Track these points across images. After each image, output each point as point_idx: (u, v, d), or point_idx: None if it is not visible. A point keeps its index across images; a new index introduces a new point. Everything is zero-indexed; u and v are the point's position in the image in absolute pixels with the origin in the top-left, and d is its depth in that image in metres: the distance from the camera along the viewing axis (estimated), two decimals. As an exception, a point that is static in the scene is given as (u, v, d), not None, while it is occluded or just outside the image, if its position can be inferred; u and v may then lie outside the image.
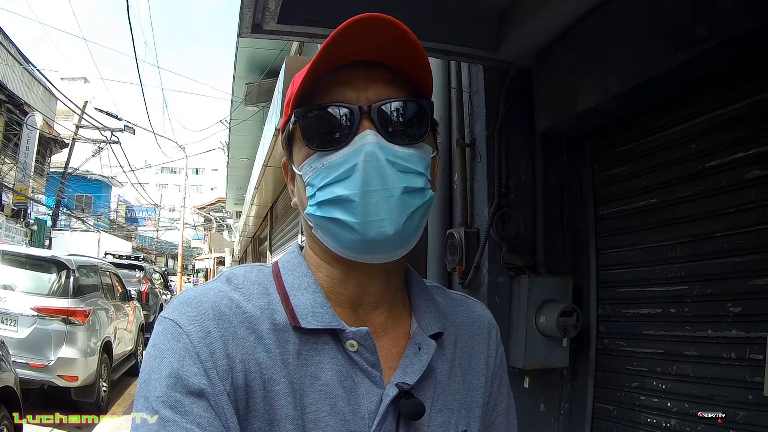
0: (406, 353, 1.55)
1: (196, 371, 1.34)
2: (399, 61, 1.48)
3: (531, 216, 5.83)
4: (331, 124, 1.46)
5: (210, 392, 1.33)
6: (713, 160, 4.58)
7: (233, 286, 1.51)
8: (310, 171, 1.48)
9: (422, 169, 1.48)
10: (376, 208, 1.40)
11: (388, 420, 1.45)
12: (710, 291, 4.60)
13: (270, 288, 1.54)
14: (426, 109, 1.53)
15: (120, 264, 25.66)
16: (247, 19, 4.84)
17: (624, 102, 4.92)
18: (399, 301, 1.64)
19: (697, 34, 3.96)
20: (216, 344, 1.38)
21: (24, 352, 10.92)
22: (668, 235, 4.98)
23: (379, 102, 1.46)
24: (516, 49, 5.52)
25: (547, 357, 5.52)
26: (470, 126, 6.14)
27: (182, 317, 1.41)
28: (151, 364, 1.37)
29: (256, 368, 1.39)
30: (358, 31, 1.38)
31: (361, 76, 1.48)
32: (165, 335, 1.40)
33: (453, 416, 1.58)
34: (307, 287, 1.53)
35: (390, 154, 1.42)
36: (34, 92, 34.09)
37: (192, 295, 1.47)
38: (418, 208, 1.47)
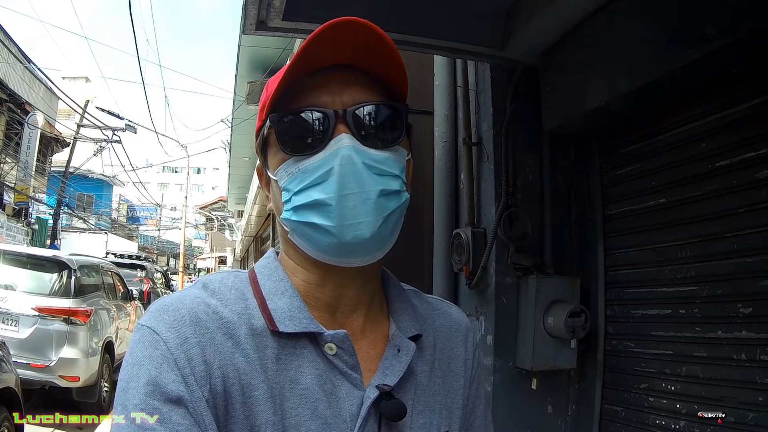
0: (386, 355, 1.56)
1: (174, 378, 1.33)
2: (375, 65, 1.50)
3: (538, 216, 5.78)
4: (307, 129, 1.47)
5: (188, 399, 1.32)
6: (723, 159, 4.53)
7: (210, 291, 1.50)
8: (285, 176, 1.49)
9: (398, 171, 1.50)
10: (352, 212, 1.41)
11: (369, 422, 1.46)
12: (720, 292, 4.55)
13: (247, 293, 1.53)
14: (401, 112, 1.54)
15: (122, 263, 25.66)
16: (252, 16, 4.81)
17: (632, 101, 4.88)
18: (376, 304, 1.65)
19: (707, 33, 3.92)
20: (193, 350, 1.37)
21: (25, 353, 10.92)
22: (677, 235, 4.93)
23: (355, 106, 1.47)
24: (523, 47, 5.49)
25: (554, 358, 5.48)
26: (477, 125, 6.09)
27: (159, 324, 1.40)
28: (129, 371, 1.36)
29: (234, 374, 1.39)
30: (335, 35, 1.40)
31: (336, 80, 1.49)
32: (142, 343, 1.39)
33: (435, 417, 1.59)
34: (284, 291, 1.53)
35: (366, 158, 1.44)
36: (36, 91, 34.11)
37: (169, 302, 1.46)
38: (394, 211, 1.49)
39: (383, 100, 1.52)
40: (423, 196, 6.72)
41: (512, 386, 5.60)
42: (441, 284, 6.40)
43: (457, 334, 1.77)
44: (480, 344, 5.59)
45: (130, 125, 38.32)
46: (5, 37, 29.65)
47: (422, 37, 5.29)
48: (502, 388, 5.56)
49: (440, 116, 6.62)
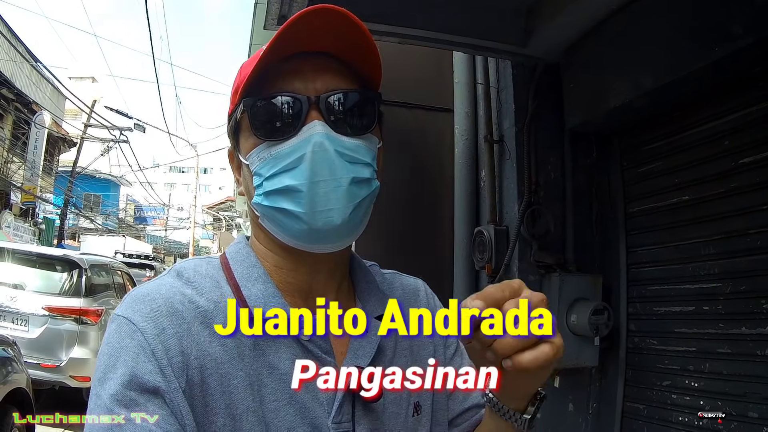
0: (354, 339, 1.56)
1: (151, 369, 1.32)
2: (349, 53, 1.51)
3: (560, 213, 5.78)
4: (280, 114, 1.47)
5: (165, 390, 1.32)
6: (746, 156, 4.53)
7: (185, 280, 1.51)
8: (257, 161, 1.50)
9: (369, 159, 1.51)
10: (323, 199, 1.42)
11: (345, 404, 1.47)
12: (744, 288, 4.56)
13: (221, 281, 1.54)
14: (374, 100, 1.56)
15: (131, 263, 25.64)
16: (274, 11, 4.80)
17: (656, 99, 4.88)
18: (344, 287, 1.67)
19: (733, 31, 3.93)
20: (171, 341, 1.37)
21: (35, 353, 10.84)
22: (700, 232, 4.93)
23: (328, 93, 1.48)
24: (545, 44, 5.49)
25: (577, 356, 5.46)
26: (498, 122, 6.09)
27: (136, 314, 1.39)
28: (106, 362, 1.35)
29: (212, 364, 1.39)
30: (310, 22, 1.40)
31: (310, 67, 1.50)
32: (119, 333, 1.38)
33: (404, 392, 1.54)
34: (257, 278, 1.54)
35: (338, 145, 1.44)
36: (43, 91, 34.05)
37: (144, 291, 1.46)
38: (365, 198, 1.50)
39: (356, 88, 1.53)
40: (443, 193, 6.70)
41: (533, 384, 5.52)
42: (462, 282, 6.39)
43: (416, 300, 1.80)
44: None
45: (139, 124, 38.32)
46: (12, 36, 29.63)
47: (444, 33, 5.30)
48: (524, 386, 5.49)
49: (460, 114, 6.62)
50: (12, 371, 7.58)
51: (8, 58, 29.23)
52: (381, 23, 5.04)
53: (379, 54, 1.51)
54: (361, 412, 1.50)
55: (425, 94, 6.85)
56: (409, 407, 1.63)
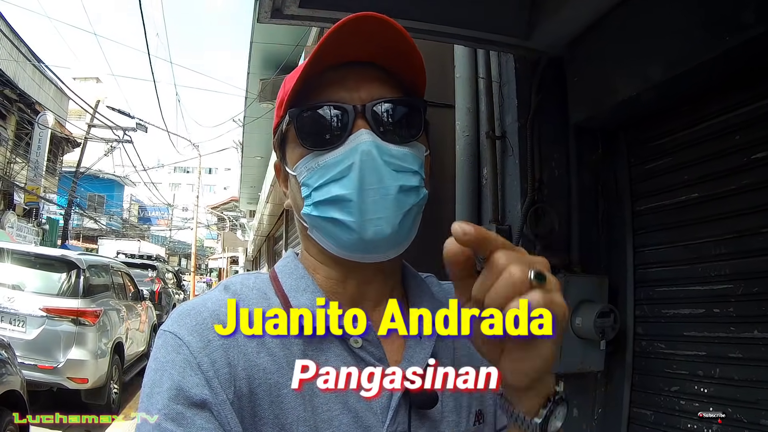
0: (408, 344, 1.54)
1: (198, 382, 1.33)
2: (392, 60, 1.51)
3: (565, 212, 5.66)
4: (326, 124, 1.48)
5: (213, 402, 1.32)
6: (759, 152, 4.38)
7: (231, 293, 1.52)
8: (305, 171, 1.50)
9: (417, 167, 1.51)
10: (373, 207, 1.42)
11: (400, 413, 1.46)
12: (756, 290, 4.40)
13: (269, 293, 1.55)
14: (419, 108, 1.55)
15: (132, 263, 25.71)
16: (267, 3, 4.70)
17: (664, 92, 4.75)
18: (397, 296, 1.63)
19: (744, 20, 3.80)
20: (217, 353, 1.37)
21: (32, 354, 10.91)
22: (711, 232, 4.79)
23: (373, 101, 1.48)
24: (548, 37, 5.38)
25: (582, 360, 5.35)
26: (500, 118, 5.99)
27: (181, 329, 1.40)
28: (153, 377, 1.36)
29: (260, 374, 1.39)
30: (353, 31, 1.41)
31: (354, 76, 1.50)
32: (165, 348, 1.39)
33: (464, 398, 1.59)
34: (306, 288, 1.54)
35: (385, 153, 1.45)
36: (46, 91, 34.25)
37: (190, 306, 1.48)
38: (413, 207, 1.49)
39: (401, 95, 1.53)
40: (444, 191, 6.63)
41: (537, 389, 5.40)
42: (463, 284, 6.19)
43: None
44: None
45: (141, 124, 38.45)
46: (15, 36, 29.70)
47: (444, 26, 5.19)
48: (528, 391, 5.36)
49: (462, 109, 6.53)
50: (6, 373, 7.56)
51: (11, 58, 29.39)
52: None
53: (422, 60, 1.51)
54: (417, 421, 1.48)
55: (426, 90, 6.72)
56: (470, 416, 1.61)
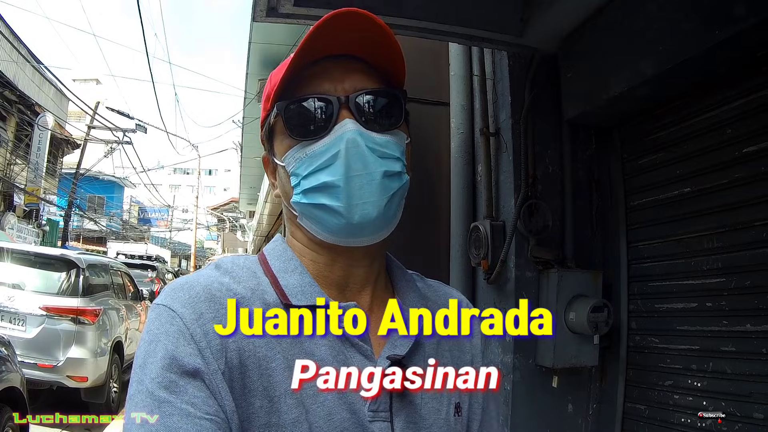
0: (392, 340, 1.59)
1: (191, 351, 1.38)
2: (374, 53, 1.59)
3: (559, 208, 5.67)
4: (312, 115, 1.55)
5: (205, 371, 1.37)
6: (751, 145, 4.39)
7: (222, 270, 1.57)
8: (293, 161, 1.57)
9: (399, 154, 1.58)
10: (359, 192, 1.49)
11: (382, 393, 1.50)
12: (749, 283, 4.42)
13: (258, 272, 1.61)
14: (400, 98, 1.63)
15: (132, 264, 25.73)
16: (263, 2, 4.76)
17: (657, 86, 4.77)
18: (382, 282, 1.73)
19: (736, 12, 3.82)
20: (209, 325, 1.41)
21: (32, 352, 10.93)
22: (704, 226, 4.80)
23: (356, 93, 1.56)
24: (542, 34, 5.40)
25: (576, 355, 5.34)
26: (494, 115, 5.99)
27: (174, 302, 1.45)
28: (146, 348, 1.40)
29: (250, 347, 1.43)
30: (336, 26, 1.48)
31: (337, 69, 1.58)
32: (159, 320, 1.43)
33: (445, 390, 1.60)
34: (294, 269, 1.61)
35: (369, 141, 1.52)
36: (45, 93, 34.22)
37: (183, 281, 1.52)
38: (397, 191, 1.57)
39: (382, 86, 1.61)
40: (439, 188, 6.66)
41: (532, 384, 5.49)
42: (458, 279, 6.31)
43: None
44: (499, 340, 5.49)
45: (141, 125, 38.44)
46: (14, 38, 29.69)
47: (438, 23, 5.21)
48: (522, 387, 5.46)
49: (456, 106, 6.56)
50: (6, 370, 7.59)
51: (10, 59, 29.37)
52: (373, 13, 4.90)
53: (402, 53, 1.58)
54: (399, 403, 1.54)
55: (420, 87, 6.80)
56: (450, 406, 1.67)
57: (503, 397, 5.46)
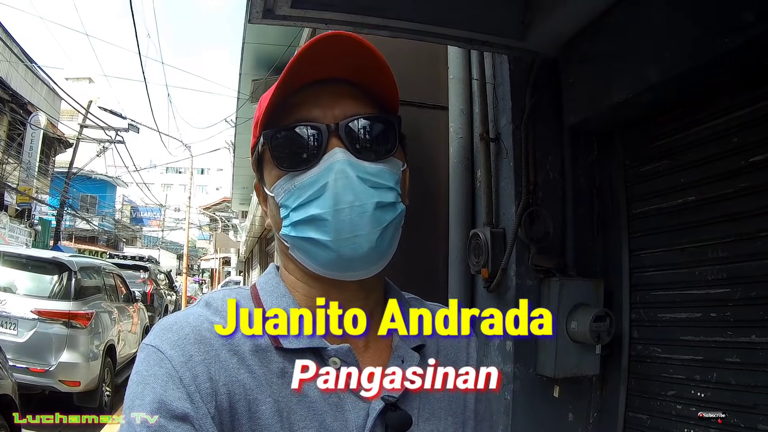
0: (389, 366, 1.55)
1: (180, 395, 1.34)
2: (365, 77, 1.52)
3: (560, 215, 5.65)
4: (300, 144, 1.50)
5: (194, 416, 1.33)
6: (757, 154, 4.36)
7: (213, 309, 1.51)
8: (282, 192, 1.52)
9: (392, 183, 1.52)
10: (349, 226, 1.43)
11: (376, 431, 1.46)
12: (755, 294, 4.38)
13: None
14: (393, 123, 1.57)
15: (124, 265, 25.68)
16: (258, 3, 4.69)
17: (661, 93, 4.72)
18: (378, 315, 1.64)
19: (745, 20, 3.77)
20: (198, 368, 1.39)
21: (24, 357, 10.84)
22: (708, 235, 4.77)
23: (347, 119, 1.49)
24: (543, 37, 5.36)
25: (577, 364, 5.33)
26: (494, 120, 5.96)
27: (163, 343, 1.41)
28: (134, 390, 1.37)
29: (240, 390, 1.40)
30: (323, 50, 1.44)
31: (327, 94, 1.52)
32: (147, 362, 1.40)
33: (440, 424, 1.61)
34: (287, 307, 1.54)
35: (360, 171, 1.46)
36: (38, 91, 34.23)
37: (172, 321, 1.48)
38: (391, 223, 1.50)
39: (375, 112, 1.54)
40: (438, 194, 6.62)
41: (533, 394, 5.48)
42: (457, 287, 6.29)
43: (459, 341, 1.78)
44: (499, 350, 5.43)
45: (133, 125, 38.42)
46: (7, 36, 29.63)
47: (436, 26, 5.18)
48: (522, 396, 5.44)
49: (455, 111, 6.54)
50: (-4, 377, 7.47)
51: (3, 58, 29.32)
52: (370, 15, 4.93)
53: (393, 76, 1.53)
54: None
55: (419, 91, 6.80)
56: None
57: (503, 407, 5.46)
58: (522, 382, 5.42)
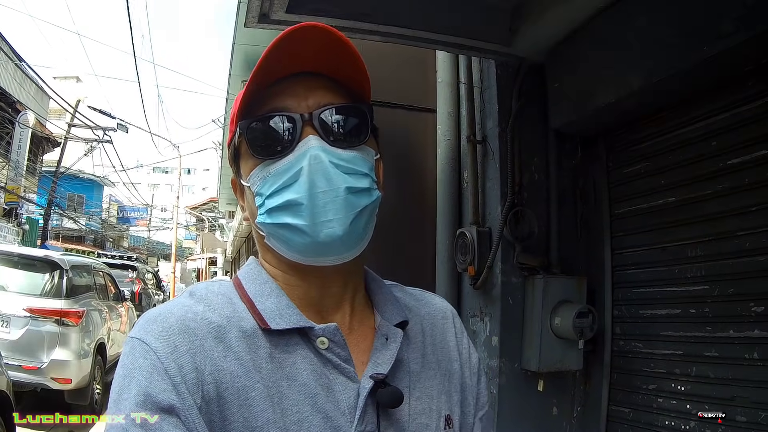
0: (375, 345, 1.60)
1: (165, 387, 1.35)
2: (337, 68, 1.56)
3: (544, 215, 5.72)
4: (275, 133, 1.53)
5: (180, 407, 1.34)
6: (735, 157, 4.48)
7: (197, 298, 1.53)
8: (258, 181, 1.55)
9: (366, 170, 1.56)
10: (323, 210, 1.46)
11: (368, 412, 1.49)
12: (732, 291, 4.51)
13: (234, 298, 1.57)
14: (365, 113, 1.61)
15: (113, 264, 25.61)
16: (254, 8, 4.77)
17: (642, 99, 4.85)
18: (360, 300, 1.69)
19: (724, 29, 3.90)
20: (184, 358, 1.39)
21: (16, 354, 10.84)
22: (687, 234, 4.88)
23: (320, 109, 1.54)
24: (530, 43, 5.45)
25: (561, 359, 5.42)
26: (481, 122, 6.03)
27: (148, 335, 1.42)
28: (120, 383, 1.38)
29: (227, 378, 1.41)
30: (294, 42, 1.47)
31: (301, 85, 1.56)
32: (132, 354, 1.41)
33: (433, 402, 1.64)
34: (271, 293, 1.57)
35: (333, 157, 1.49)
36: (27, 90, 34.08)
37: (157, 312, 1.49)
38: (365, 208, 1.53)
39: (347, 102, 1.58)
40: (426, 194, 6.68)
41: (518, 388, 5.55)
42: (444, 284, 6.35)
43: (444, 321, 1.83)
44: (485, 345, 5.54)
45: (122, 124, 38.26)
46: (-4, 35, 29.57)
47: (426, 32, 5.25)
48: (508, 390, 5.51)
49: (443, 114, 6.58)
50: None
51: (-8, 57, 29.20)
52: (363, 21, 5.01)
53: (365, 66, 1.56)
54: (386, 422, 1.52)
55: (407, 94, 6.84)
56: (440, 419, 1.64)
57: (489, 401, 5.51)
58: (507, 376, 5.49)
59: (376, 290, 1.74)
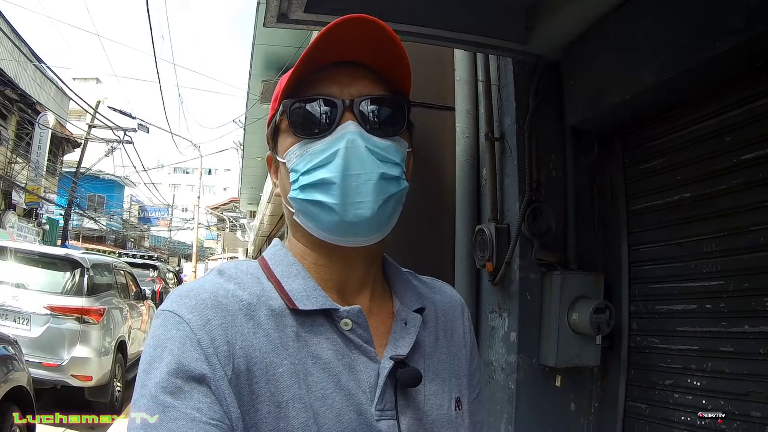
0: (394, 328, 1.66)
1: (197, 357, 1.38)
2: (382, 61, 1.62)
3: (562, 211, 5.74)
4: (317, 115, 1.59)
5: (211, 377, 1.37)
6: (749, 153, 4.49)
7: (227, 277, 1.57)
8: (294, 158, 1.60)
9: (398, 160, 1.61)
10: (355, 191, 1.51)
11: (387, 392, 1.54)
12: (747, 286, 4.51)
13: (261, 278, 1.61)
14: (403, 106, 1.66)
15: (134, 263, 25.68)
16: (273, 8, 4.81)
17: (657, 95, 4.86)
18: (379, 284, 1.76)
19: (734, 25, 3.91)
20: (216, 332, 1.42)
21: (37, 352, 10.89)
22: (703, 230, 4.89)
23: (361, 98, 1.59)
24: (545, 41, 5.46)
25: (578, 355, 5.43)
26: (499, 120, 6.06)
27: (181, 308, 1.45)
28: (152, 353, 1.41)
29: (256, 353, 1.44)
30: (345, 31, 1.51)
31: (345, 74, 1.61)
32: (165, 326, 1.44)
33: (445, 384, 1.71)
34: (297, 274, 1.62)
35: (369, 143, 1.54)
36: (46, 92, 34.16)
37: (188, 288, 1.53)
38: (393, 195, 1.59)
39: (387, 93, 1.64)
40: (445, 191, 6.70)
41: (535, 383, 5.56)
42: (463, 280, 6.37)
43: (454, 309, 1.89)
44: (503, 340, 5.56)
45: (143, 125, 38.35)
46: (16, 36, 29.66)
47: (444, 30, 5.27)
48: (525, 386, 5.53)
49: (461, 112, 6.61)
50: (12, 369, 7.59)
51: (11, 58, 29.31)
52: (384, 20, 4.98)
53: (409, 62, 1.62)
54: (403, 401, 1.57)
55: (426, 92, 6.84)
56: (452, 401, 1.71)
57: (507, 396, 5.55)
58: (525, 372, 5.51)
59: (394, 276, 1.80)
